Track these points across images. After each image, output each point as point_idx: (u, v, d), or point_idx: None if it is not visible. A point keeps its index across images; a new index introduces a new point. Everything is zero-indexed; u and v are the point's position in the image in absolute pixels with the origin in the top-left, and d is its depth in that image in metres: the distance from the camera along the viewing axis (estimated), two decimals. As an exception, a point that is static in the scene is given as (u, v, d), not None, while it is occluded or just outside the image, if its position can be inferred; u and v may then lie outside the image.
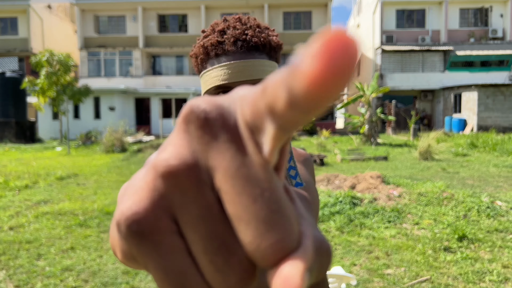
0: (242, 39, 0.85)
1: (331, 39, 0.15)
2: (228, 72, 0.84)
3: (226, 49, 0.84)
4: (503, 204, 5.46)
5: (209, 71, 0.86)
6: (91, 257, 3.93)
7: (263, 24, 0.91)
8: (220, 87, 0.85)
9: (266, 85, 0.18)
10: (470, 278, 3.38)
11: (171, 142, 0.21)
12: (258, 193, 0.19)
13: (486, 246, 4.10)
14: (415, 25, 25.58)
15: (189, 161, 0.20)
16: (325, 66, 0.15)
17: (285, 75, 0.17)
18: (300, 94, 0.16)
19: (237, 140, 0.20)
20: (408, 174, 8.64)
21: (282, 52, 1.23)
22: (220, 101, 0.21)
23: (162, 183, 0.20)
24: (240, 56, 0.84)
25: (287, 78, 0.16)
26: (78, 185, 7.83)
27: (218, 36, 0.86)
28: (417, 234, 4.49)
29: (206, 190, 0.20)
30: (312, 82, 0.15)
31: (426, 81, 24.91)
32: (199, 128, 0.20)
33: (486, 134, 17.47)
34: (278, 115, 0.17)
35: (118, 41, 26.90)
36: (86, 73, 26.68)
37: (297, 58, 0.16)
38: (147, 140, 17.05)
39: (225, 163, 0.20)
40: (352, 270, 3.58)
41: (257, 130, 0.20)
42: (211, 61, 0.87)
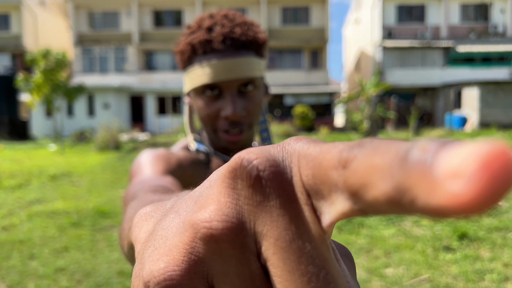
0: (230, 37, 0.84)
1: (493, 159, 0.12)
2: (216, 71, 0.83)
3: (214, 47, 0.83)
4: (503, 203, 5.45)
5: (197, 69, 0.85)
6: (85, 257, 3.87)
7: (249, 20, 0.91)
8: (207, 85, 0.85)
9: (347, 157, 0.15)
10: (470, 277, 3.36)
11: (214, 198, 0.18)
12: (314, 272, 0.16)
13: (486, 244, 4.08)
14: (415, 20, 25.48)
15: (235, 224, 0.18)
16: (484, 192, 0.12)
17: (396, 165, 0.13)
18: (424, 206, 0.13)
19: (293, 205, 0.17)
20: (405, 171, 8.62)
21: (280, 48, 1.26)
22: (274, 155, 0.18)
23: (201, 247, 0.18)
24: (229, 54, 0.84)
25: (402, 175, 0.13)
26: (72, 184, 7.74)
27: (206, 34, 0.84)
28: (417, 233, 4.46)
29: (251, 258, 0.18)
30: (457, 207, 0.12)
31: (426, 78, 24.81)
32: (249, 187, 0.18)
33: (487, 131, 17.48)
34: (363, 201, 0.15)
35: (113, 37, 26.70)
36: (80, 69, 26.49)
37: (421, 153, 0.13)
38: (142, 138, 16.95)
39: (277, 232, 0.17)
40: (351, 270, 3.54)
41: (318, 196, 0.17)
42: (198, 58, 0.85)
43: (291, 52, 27.14)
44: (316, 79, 25.89)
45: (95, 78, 25.69)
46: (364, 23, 28.68)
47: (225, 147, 0.89)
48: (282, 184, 0.18)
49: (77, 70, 26.41)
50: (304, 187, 0.17)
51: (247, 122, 0.87)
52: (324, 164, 0.16)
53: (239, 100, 0.85)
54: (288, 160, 0.18)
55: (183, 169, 0.86)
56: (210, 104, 0.86)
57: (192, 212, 0.19)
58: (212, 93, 0.85)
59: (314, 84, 25.72)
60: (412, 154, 0.13)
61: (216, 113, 0.86)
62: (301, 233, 0.17)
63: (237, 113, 0.83)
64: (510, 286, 3.20)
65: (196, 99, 0.88)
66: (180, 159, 0.87)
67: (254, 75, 0.85)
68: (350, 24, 34.27)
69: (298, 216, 0.17)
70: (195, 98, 0.88)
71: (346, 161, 0.15)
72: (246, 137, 0.89)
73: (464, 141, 0.13)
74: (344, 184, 0.15)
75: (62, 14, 31.47)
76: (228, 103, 0.84)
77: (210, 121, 0.87)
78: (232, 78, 0.83)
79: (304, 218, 0.17)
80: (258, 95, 0.88)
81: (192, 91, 0.88)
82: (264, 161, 0.18)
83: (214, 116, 0.86)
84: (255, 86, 0.87)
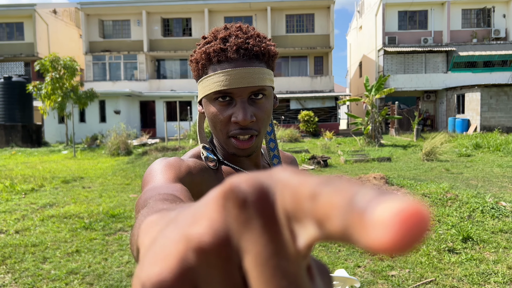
0: (244, 48, 0.89)
1: (410, 214, 0.16)
2: (229, 78, 0.87)
3: (229, 56, 0.88)
4: (507, 205, 5.44)
5: (211, 77, 0.89)
6: (96, 260, 3.95)
7: (262, 33, 0.96)
8: (220, 92, 0.89)
9: (316, 191, 0.18)
10: (475, 280, 3.37)
11: (207, 215, 0.21)
12: (285, 286, 0.19)
13: (491, 247, 4.08)
14: (418, 26, 25.55)
15: (223, 239, 0.20)
16: (397, 240, 0.16)
17: (346, 206, 0.17)
18: (359, 243, 0.17)
19: (273, 226, 0.20)
20: (411, 175, 8.61)
21: (286, 55, 1.33)
22: (262, 182, 0.21)
23: (193, 257, 0.20)
24: (242, 64, 0.88)
25: (348, 216, 0.17)
26: (83, 188, 7.88)
27: (221, 43, 0.89)
28: (421, 236, 4.47)
29: (234, 269, 0.20)
30: (378, 248, 0.16)
31: (429, 82, 24.87)
32: (236, 208, 0.20)
33: (490, 134, 17.38)
34: (325, 231, 0.18)
35: (123, 45, 27.04)
36: (92, 77, 26.83)
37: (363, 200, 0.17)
38: (152, 143, 17.11)
39: (257, 249, 0.20)
40: (356, 272, 3.58)
41: (295, 221, 0.19)
42: (212, 66, 0.90)
43: (296, 58, 27.28)
44: (321, 84, 26.00)
45: (106, 85, 26.00)
46: (367, 29, 28.74)
47: (235, 153, 0.94)
48: (265, 207, 0.20)
49: (89, 78, 26.76)
50: (285, 211, 0.20)
51: (256, 129, 0.92)
52: (300, 194, 0.19)
53: (249, 107, 0.90)
54: (273, 187, 0.20)
55: (193, 176, 0.89)
56: (222, 110, 0.90)
57: (188, 225, 0.21)
58: (225, 99, 0.90)
59: (318, 90, 25.82)
60: (356, 200, 0.17)
61: (227, 119, 0.90)
62: (278, 251, 0.19)
63: (247, 119, 0.88)
64: (514, 288, 3.21)
65: (209, 105, 0.92)
66: (190, 167, 0.90)
67: (264, 84, 0.91)
68: (353, 30, 34.31)
69: (277, 236, 0.20)
70: (208, 105, 0.92)
71: (315, 195, 0.18)
72: (255, 144, 0.94)
73: (395, 194, 0.17)
74: (312, 214, 0.18)
75: (73, 23, 31.95)
76: (239, 109, 0.88)
77: (221, 127, 0.91)
78: (244, 86, 0.88)
79: (283, 238, 0.20)
80: (268, 104, 0.94)
81: (205, 98, 0.93)
82: (251, 187, 0.20)
83: (226, 121, 0.90)
84: (265, 95, 0.93)
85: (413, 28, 25.55)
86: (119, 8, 26.48)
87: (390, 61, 25.47)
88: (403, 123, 22.04)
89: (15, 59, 27.44)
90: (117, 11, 26.78)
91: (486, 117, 20.99)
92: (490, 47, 24.53)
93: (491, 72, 24.67)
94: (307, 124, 21.63)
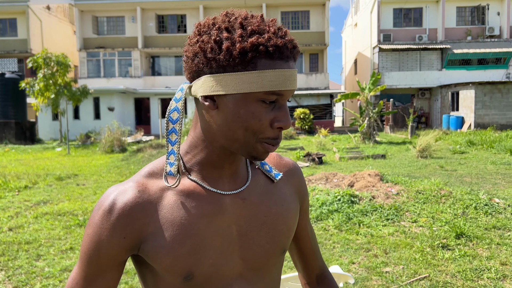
0: (295, 46, 0.80)
1: None
2: (285, 79, 0.77)
3: (284, 54, 0.78)
4: (501, 202, 5.48)
5: (264, 73, 0.76)
6: (90, 257, 3.94)
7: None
8: (274, 92, 0.78)
9: None
10: (469, 276, 3.39)
11: None
12: None
13: (484, 243, 4.11)
14: (413, 23, 25.63)
15: None
16: None
17: None
18: None
19: None
20: (406, 172, 8.65)
21: None
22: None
23: None
24: (293, 64, 0.80)
25: None
26: (77, 185, 7.84)
27: (277, 38, 0.78)
28: (415, 232, 4.50)
29: None
30: None
31: (423, 79, 25.00)
32: None
33: (483, 131, 17.49)
34: None
35: (117, 42, 26.91)
36: (86, 74, 26.69)
37: None
38: (146, 140, 17.06)
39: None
40: (350, 268, 3.59)
41: None
42: (264, 61, 0.76)
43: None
44: (316, 82, 26.04)
45: (101, 81, 25.89)
46: (362, 26, 28.80)
47: (256, 158, 0.82)
48: None
49: (83, 74, 26.61)
50: None
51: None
52: None
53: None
54: None
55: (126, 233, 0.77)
56: (265, 112, 0.78)
57: None
58: (272, 101, 0.79)
59: (314, 87, 25.85)
60: None
61: (269, 122, 0.79)
62: None
63: (290, 124, 0.81)
64: (507, 284, 3.23)
65: (245, 104, 0.77)
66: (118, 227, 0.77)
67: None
68: (348, 28, 34.35)
69: None
70: (243, 103, 0.77)
71: None
72: None
73: None
74: None
75: (67, 19, 31.73)
76: (285, 114, 0.80)
77: (259, 130, 0.78)
78: (293, 88, 0.79)
79: None
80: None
81: (240, 95, 0.77)
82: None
83: (267, 125, 0.78)
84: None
85: (408, 25, 25.64)
86: (114, 4, 26.33)
87: (385, 59, 25.55)
88: (398, 120, 22.13)
89: (8, 55, 27.24)
90: (111, 7, 26.62)
91: (480, 115, 21.14)
92: (484, 44, 24.67)
93: (485, 69, 24.84)
94: (302, 122, 21.66)
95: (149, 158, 10.03)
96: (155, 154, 10.16)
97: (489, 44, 24.67)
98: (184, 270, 0.79)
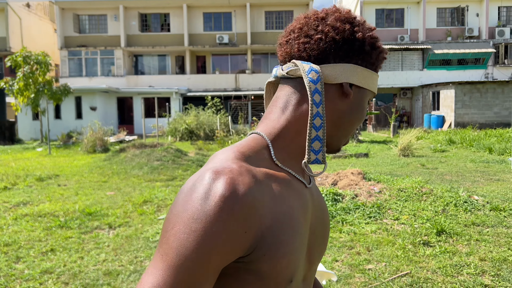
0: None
1: None
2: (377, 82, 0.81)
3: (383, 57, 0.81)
4: (480, 199, 5.59)
5: (372, 74, 0.77)
6: (72, 259, 3.88)
7: None
8: (374, 96, 0.82)
9: None
10: (449, 272, 3.44)
11: None
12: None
13: (464, 239, 4.19)
14: (395, 24, 25.98)
15: None
16: None
17: None
18: None
19: None
20: (388, 170, 8.76)
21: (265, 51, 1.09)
22: None
23: None
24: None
25: None
26: (59, 186, 7.72)
27: (379, 43, 0.78)
28: (397, 229, 4.56)
29: None
30: None
31: (405, 79, 25.38)
32: None
33: (463, 130, 17.83)
34: None
35: (100, 41, 26.55)
36: (67, 72, 26.27)
37: None
38: (129, 140, 16.89)
39: None
40: (334, 266, 3.62)
41: None
42: (371, 62, 0.77)
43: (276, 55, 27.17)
44: (302, 81, 26.14)
45: (83, 81, 25.52)
46: (348, 26, 29.01)
47: (339, 150, 0.81)
48: None
49: (64, 73, 26.19)
50: None
51: None
52: None
53: None
54: None
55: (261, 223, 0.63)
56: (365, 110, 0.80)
57: None
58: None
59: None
60: None
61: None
62: None
63: None
64: (486, 279, 3.30)
65: (362, 101, 0.78)
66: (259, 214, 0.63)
67: None
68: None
69: None
70: (361, 99, 0.78)
71: None
72: None
73: None
74: None
75: (48, 17, 31.17)
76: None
77: (355, 127, 0.79)
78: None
79: None
80: None
81: (368, 92, 0.79)
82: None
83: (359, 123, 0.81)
84: None
85: (390, 25, 25.97)
86: (95, 2, 25.98)
87: (367, 58, 25.82)
88: (381, 120, 22.40)
89: (-14, 53, 26.63)
90: (93, 5, 26.26)
91: (460, 114, 21.56)
92: (464, 45, 25.15)
93: (465, 69, 25.34)
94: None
95: (131, 158, 9.93)
96: (138, 154, 10.06)
97: (469, 44, 25.17)
98: (293, 271, 0.67)
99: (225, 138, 15.70)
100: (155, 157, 9.72)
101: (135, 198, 6.40)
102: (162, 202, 6.13)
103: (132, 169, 9.16)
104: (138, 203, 6.02)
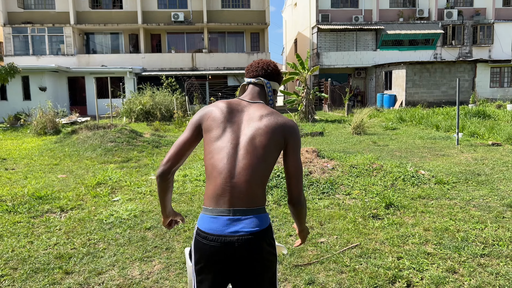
0: None
1: None
2: None
3: None
4: (426, 173, 5.89)
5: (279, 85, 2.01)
6: (21, 244, 3.76)
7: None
8: None
9: None
10: (395, 242, 3.63)
11: None
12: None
13: (410, 212, 4.42)
14: (349, 4, 26.29)
15: None
16: None
17: None
18: None
19: None
20: (341, 148, 9.01)
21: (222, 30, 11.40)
22: None
23: None
24: None
25: None
26: (6, 170, 7.38)
27: None
28: (349, 204, 4.74)
29: None
30: None
31: (359, 59, 25.93)
32: None
33: (413, 109, 18.57)
34: None
35: (47, 17, 25.14)
36: (12, 51, 24.78)
37: None
38: (82, 121, 16.31)
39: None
40: (288, 241, 3.72)
41: None
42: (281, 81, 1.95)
43: (233, 34, 27.10)
44: (259, 61, 26.08)
45: (30, 59, 24.17)
46: (301, 6, 29.11)
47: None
48: None
49: (9, 52, 24.69)
50: None
51: None
52: None
53: None
54: None
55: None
56: None
57: None
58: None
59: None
60: None
61: None
62: None
63: None
64: (429, 248, 3.51)
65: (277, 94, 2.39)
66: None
67: None
68: (288, 7, 34.58)
69: None
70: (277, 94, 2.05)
71: None
72: None
73: None
74: None
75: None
76: None
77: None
78: None
79: None
80: None
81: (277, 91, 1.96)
82: None
83: None
84: None
85: (345, 6, 26.24)
86: (41, -24, 24.48)
87: (323, 39, 26.08)
88: (335, 99, 22.84)
89: None
90: (38, -21, 24.73)
91: (411, 93, 22.39)
92: (415, 26, 25.92)
93: (416, 50, 26.20)
94: (244, 101, 21.69)
95: (84, 139, 9.61)
96: (91, 136, 9.74)
97: (419, 25, 25.97)
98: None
99: (182, 119, 15.49)
100: (109, 138, 9.46)
101: (88, 180, 6.24)
102: (116, 183, 6.02)
103: (85, 151, 8.89)
104: (92, 186, 5.87)
